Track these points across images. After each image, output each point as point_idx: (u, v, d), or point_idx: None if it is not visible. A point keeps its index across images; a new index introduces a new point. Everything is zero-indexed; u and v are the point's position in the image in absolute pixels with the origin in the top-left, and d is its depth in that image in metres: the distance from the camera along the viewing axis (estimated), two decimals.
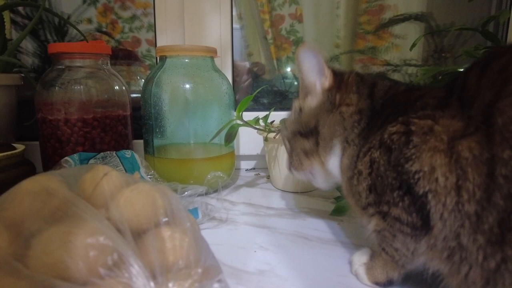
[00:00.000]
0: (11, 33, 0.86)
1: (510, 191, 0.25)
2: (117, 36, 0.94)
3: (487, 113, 0.27)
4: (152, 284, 0.24)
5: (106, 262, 0.24)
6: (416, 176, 0.29)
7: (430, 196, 0.29)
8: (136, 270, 0.24)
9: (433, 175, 0.28)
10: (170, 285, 0.25)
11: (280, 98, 0.98)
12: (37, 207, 0.27)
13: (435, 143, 0.29)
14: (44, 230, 0.24)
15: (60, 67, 0.65)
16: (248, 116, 0.67)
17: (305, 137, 0.43)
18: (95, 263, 0.23)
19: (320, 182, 0.46)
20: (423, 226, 0.30)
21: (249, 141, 0.83)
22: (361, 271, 0.38)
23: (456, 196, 0.27)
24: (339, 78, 0.42)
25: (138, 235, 0.28)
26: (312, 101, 0.43)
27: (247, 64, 0.99)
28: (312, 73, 0.42)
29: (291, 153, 0.47)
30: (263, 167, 0.88)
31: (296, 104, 0.46)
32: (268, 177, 0.78)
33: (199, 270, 0.26)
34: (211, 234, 0.49)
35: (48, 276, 0.22)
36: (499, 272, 0.26)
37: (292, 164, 0.46)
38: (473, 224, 0.27)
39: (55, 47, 0.64)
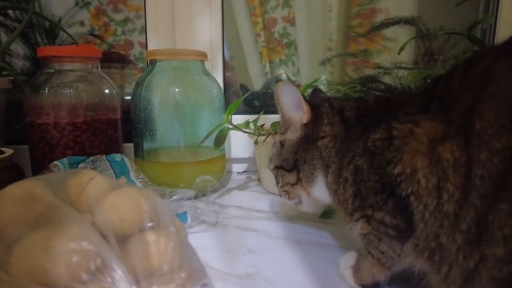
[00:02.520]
0: (0, 36, 0.86)
1: (486, 191, 0.25)
2: (110, 39, 0.94)
3: (467, 116, 0.27)
4: None
5: (88, 267, 0.24)
6: (398, 179, 0.30)
7: (412, 198, 0.29)
8: (119, 275, 0.24)
9: (415, 177, 0.29)
10: None
11: (272, 100, 0.98)
12: (20, 213, 0.27)
13: (416, 145, 0.29)
14: (26, 235, 0.24)
15: (49, 70, 0.65)
16: (240, 119, 0.67)
17: (288, 171, 0.45)
18: (78, 268, 0.24)
19: (307, 207, 0.48)
20: (407, 228, 0.31)
21: (240, 144, 0.83)
22: (348, 274, 0.38)
23: (437, 197, 0.28)
24: (316, 112, 0.43)
25: (122, 239, 0.28)
26: (292, 135, 0.45)
27: None
28: (291, 108, 0.44)
29: (277, 185, 0.48)
30: (254, 170, 0.88)
31: (277, 138, 0.47)
32: (259, 180, 0.79)
33: (183, 275, 0.26)
34: (200, 238, 0.49)
35: (29, 282, 0.22)
36: (477, 271, 0.26)
37: (280, 194, 0.48)
38: (451, 224, 0.27)
39: (44, 51, 0.64)
